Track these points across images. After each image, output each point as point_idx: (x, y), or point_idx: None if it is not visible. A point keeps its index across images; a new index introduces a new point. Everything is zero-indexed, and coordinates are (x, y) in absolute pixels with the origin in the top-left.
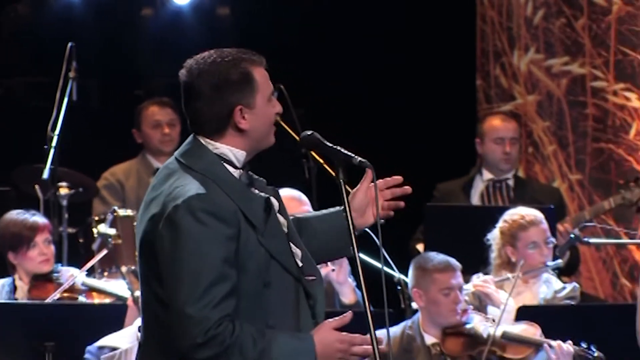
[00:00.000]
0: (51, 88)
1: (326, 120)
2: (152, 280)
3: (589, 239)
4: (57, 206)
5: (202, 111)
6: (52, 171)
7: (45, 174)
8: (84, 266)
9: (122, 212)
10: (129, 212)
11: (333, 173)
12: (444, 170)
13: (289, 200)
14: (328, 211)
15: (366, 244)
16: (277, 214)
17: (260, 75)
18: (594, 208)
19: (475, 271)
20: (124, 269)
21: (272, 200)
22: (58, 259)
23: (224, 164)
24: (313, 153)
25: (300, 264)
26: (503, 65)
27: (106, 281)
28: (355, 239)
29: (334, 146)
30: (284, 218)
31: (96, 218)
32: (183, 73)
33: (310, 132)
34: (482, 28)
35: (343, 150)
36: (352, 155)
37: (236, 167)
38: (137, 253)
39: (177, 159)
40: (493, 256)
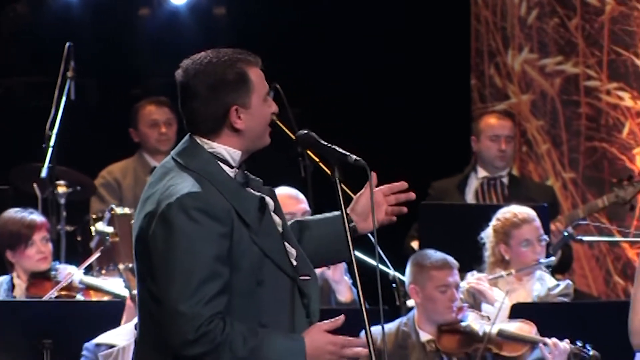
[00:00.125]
0: (49, 87)
1: (322, 119)
2: (147, 277)
3: (582, 237)
4: (55, 204)
5: (198, 111)
6: (50, 170)
7: (43, 173)
8: (82, 264)
9: (120, 210)
10: (126, 210)
11: (329, 172)
12: (439, 168)
13: (287, 198)
14: (329, 215)
15: (361, 242)
16: (272, 214)
17: (255, 75)
18: (588, 206)
19: (469, 269)
20: (122, 267)
21: (267, 199)
22: (56, 257)
23: (219, 163)
24: (309, 152)
25: (295, 263)
26: (497, 64)
27: (104, 279)
28: (350, 237)
29: (330, 145)
30: (280, 218)
31: (94, 216)
32: (179, 73)
33: (306, 131)
34: (477, 28)
35: (338, 149)
36: (348, 154)
37: (231, 167)
38: (133, 251)
39: (174, 158)
40: (487, 255)
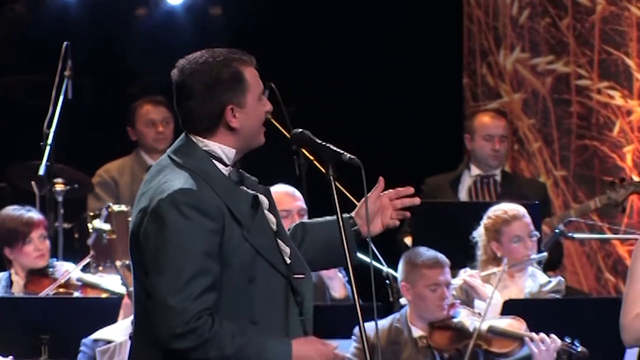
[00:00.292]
0: (47, 86)
1: (316, 118)
2: (141, 273)
3: (574, 234)
4: (53, 202)
5: (194, 110)
6: (48, 168)
7: (41, 171)
8: (78, 264)
9: (117, 208)
10: (123, 208)
11: (323, 170)
12: (432, 165)
13: (283, 195)
14: (332, 218)
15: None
16: (267, 212)
17: (250, 74)
18: (580, 208)
19: (462, 266)
20: (119, 264)
21: (261, 198)
22: (53, 254)
23: (214, 161)
24: (304, 150)
25: (288, 262)
26: (489, 64)
27: (100, 276)
28: (345, 235)
29: (324, 143)
30: (274, 216)
31: (91, 214)
32: (175, 72)
33: (301, 130)
34: (469, 27)
35: (333, 147)
36: (342, 152)
37: (226, 165)
38: (129, 247)
39: (169, 156)
40: (479, 253)
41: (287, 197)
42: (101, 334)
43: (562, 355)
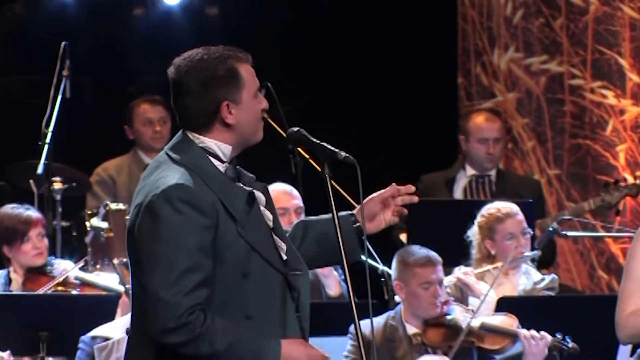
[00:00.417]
0: (45, 86)
1: (312, 116)
2: (137, 269)
3: (567, 232)
4: (51, 200)
5: (190, 107)
6: (46, 166)
7: (39, 169)
8: (78, 262)
9: (114, 206)
10: (121, 206)
11: (319, 168)
12: (426, 163)
13: (280, 193)
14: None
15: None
16: (263, 209)
17: (246, 71)
18: (574, 209)
19: (457, 264)
20: (116, 261)
21: (257, 194)
22: (52, 252)
23: (210, 158)
24: (300, 149)
25: (285, 258)
26: (484, 63)
27: (97, 274)
28: (342, 233)
29: (320, 142)
30: (271, 213)
31: (89, 212)
32: (171, 70)
33: (296, 129)
34: (464, 27)
35: (328, 146)
36: (337, 150)
37: (222, 161)
38: (125, 244)
39: (166, 152)
40: (473, 251)
41: (285, 195)
42: (99, 331)
43: (553, 351)
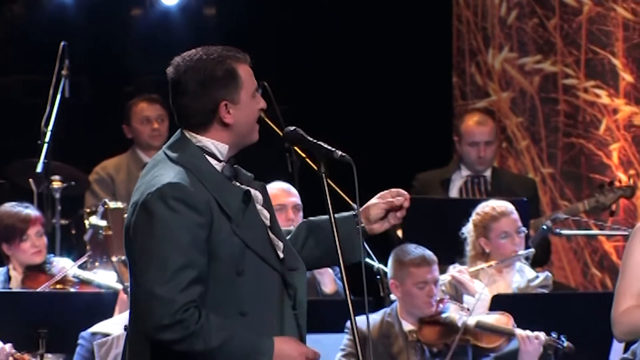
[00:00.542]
0: (45, 85)
1: (308, 116)
2: (134, 266)
3: (561, 230)
4: (50, 199)
5: (189, 106)
6: (46, 165)
7: (38, 168)
8: (77, 260)
9: (113, 205)
10: (119, 205)
11: (315, 167)
12: (422, 162)
13: (279, 191)
14: (338, 215)
15: None
16: (260, 207)
17: (244, 71)
18: (569, 210)
19: (451, 262)
20: (114, 259)
21: (254, 193)
22: (51, 250)
23: (207, 157)
24: (296, 148)
25: (281, 256)
26: (478, 63)
27: (95, 272)
28: (337, 229)
29: (316, 141)
30: (268, 211)
31: (88, 210)
32: (170, 70)
33: (293, 128)
34: (458, 28)
35: (325, 145)
36: (333, 149)
37: (219, 160)
38: (124, 242)
39: (164, 151)
40: (468, 249)
41: (283, 193)
42: (99, 327)
43: (548, 350)
